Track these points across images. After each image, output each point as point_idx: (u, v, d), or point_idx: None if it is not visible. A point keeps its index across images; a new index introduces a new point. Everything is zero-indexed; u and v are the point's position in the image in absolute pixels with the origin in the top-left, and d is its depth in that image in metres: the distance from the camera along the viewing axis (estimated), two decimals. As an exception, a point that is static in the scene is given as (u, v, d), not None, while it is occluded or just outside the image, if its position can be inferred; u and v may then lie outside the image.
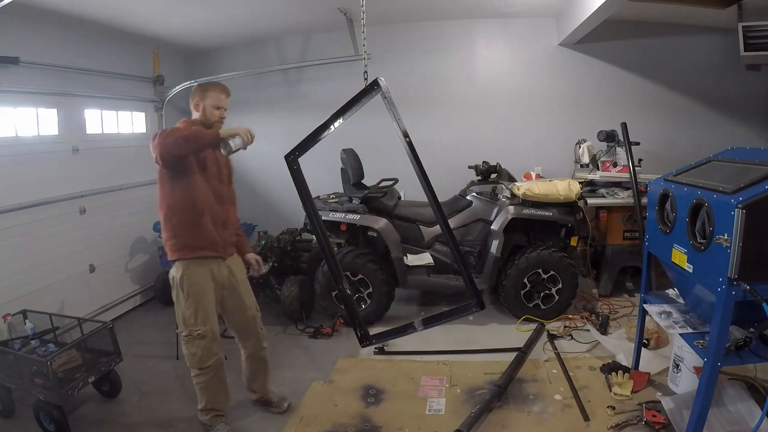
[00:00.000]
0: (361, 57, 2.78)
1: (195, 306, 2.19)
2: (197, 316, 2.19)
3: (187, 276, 2.18)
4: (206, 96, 2.25)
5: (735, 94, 4.51)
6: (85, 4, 3.25)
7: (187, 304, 2.19)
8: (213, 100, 2.26)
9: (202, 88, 2.28)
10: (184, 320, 2.21)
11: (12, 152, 3.14)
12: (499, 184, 3.74)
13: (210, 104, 2.25)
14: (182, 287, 2.18)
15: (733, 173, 1.91)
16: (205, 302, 2.21)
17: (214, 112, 2.26)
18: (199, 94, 2.26)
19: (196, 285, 2.19)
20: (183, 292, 2.18)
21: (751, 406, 2.14)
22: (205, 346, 2.22)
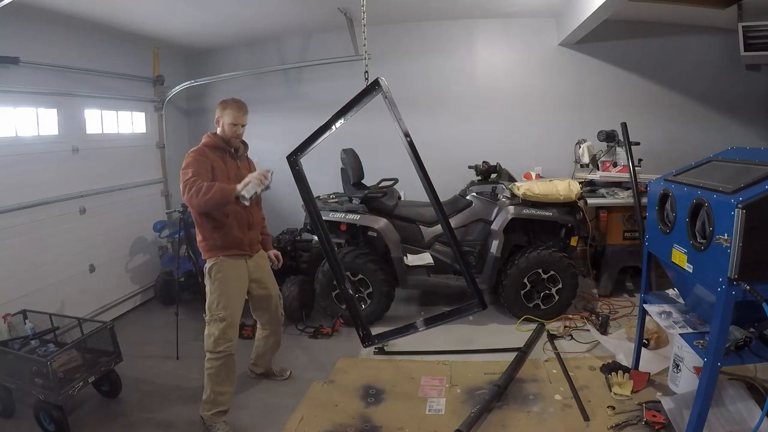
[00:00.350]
0: (362, 57, 2.77)
1: (219, 292, 2.41)
2: (220, 301, 2.40)
3: (216, 267, 2.42)
4: (224, 113, 2.43)
5: (735, 94, 4.51)
6: (85, 4, 3.25)
7: (212, 289, 2.42)
8: (230, 117, 2.42)
9: (223, 105, 2.45)
10: (209, 305, 2.43)
11: (12, 152, 3.15)
12: (499, 184, 3.74)
13: (227, 122, 2.42)
14: (210, 276, 2.42)
15: (733, 173, 1.91)
16: (230, 291, 2.43)
17: (231, 128, 2.43)
18: (219, 109, 2.45)
19: (222, 274, 2.42)
20: (211, 280, 2.42)
21: (751, 406, 2.14)
22: (222, 329, 2.39)
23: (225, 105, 2.45)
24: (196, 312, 3.67)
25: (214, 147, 2.45)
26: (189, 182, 2.23)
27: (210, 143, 2.46)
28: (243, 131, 2.51)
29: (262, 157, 3.13)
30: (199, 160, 2.33)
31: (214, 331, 2.40)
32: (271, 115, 4.92)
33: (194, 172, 2.27)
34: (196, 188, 2.20)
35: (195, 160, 2.32)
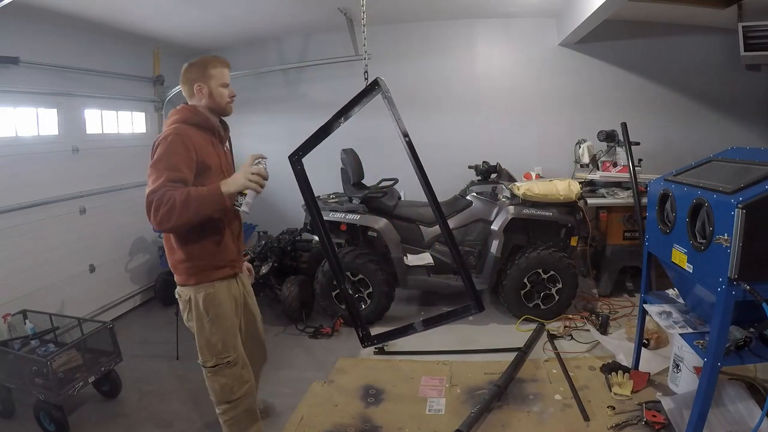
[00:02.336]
0: (362, 57, 2.77)
1: (223, 330, 1.90)
2: (227, 342, 1.91)
3: (209, 299, 1.87)
4: (209, 75, 1.86)
5: (735, 94, 4.51)
6: (85, 4, 3.25)
7: (213, 329, 1.89)
8: (219, 77, 1.88)
9: (200, 66, 1.87)
10: (211, 348, 1.90)
11: (12, 152, 3.14)
12: (499, 184, 3.74)
13: (216, 84, 1.88)
14: (207, 312, 1.87)
15: (733, 173, 1.91)
16: (232, 325, 1.95)
17: (222, 92, 1.89)
18: (197, 74, 1.86)
19: (221, 307, 1.90)
20: (207, 317, 1.87)
21: (751, 406, 2.14)
22: (237, 375, 1.95)
23: (204, 65, 1.86)
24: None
25: (198, 126, 1.83)
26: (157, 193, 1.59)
27: (191, 119, 1.82)
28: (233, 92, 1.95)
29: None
30: (178, 149, 1.68)
31: (226, 381, 1.94)
32: (271, 115, 4.92)
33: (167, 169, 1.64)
34: (165, 205, 1.58)
35: (171, 151, 1.67)
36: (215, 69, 1.88)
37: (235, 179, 1.74)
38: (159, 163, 1.67)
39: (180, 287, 1.92)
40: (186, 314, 1.92)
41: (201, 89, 1.87)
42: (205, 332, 1.89)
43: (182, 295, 1.91)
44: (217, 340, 1.90)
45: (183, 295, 1.91)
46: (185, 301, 1.91)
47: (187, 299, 1.89)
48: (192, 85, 1.87)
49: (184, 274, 1.88)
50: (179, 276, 1.90)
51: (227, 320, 1.92)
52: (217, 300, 1.89)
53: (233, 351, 1.94)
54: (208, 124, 1.89)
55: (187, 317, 1.93)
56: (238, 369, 1.96)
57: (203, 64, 1.88)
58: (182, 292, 1.91)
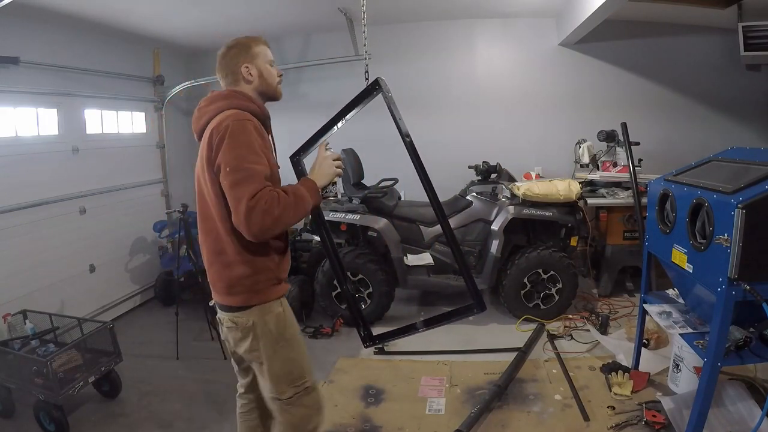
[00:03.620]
0: (362, 57, 2.78)
1: (298, 352, 1.65)
2: (303, 365, 1.65)
3: (282, 319, 1.60)
4: (255, 55, 1.62)
5: (735, 94, 4.51)
6: (85, 4, 3.25)
7: (289, 354, 1.61)
8: (264, 55, 1.65)
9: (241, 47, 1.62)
10: (287, 376, 1.61)
11: (12, 152, 3.15)
12: (499, 184, 3.74)
13: (263, 63, 1.64)
14: (281, 334, 1.59)
15: (733, 173, 1.91)
16: (305, 347, 1.70)
17: (272, 71, 1.66)
18: (240, 55, 1.60)
19: (294, 326, 1.65)
20: (282, 340, 1.59)
21: (751, 406, 2.14)
22: (316, 401, 1.70)
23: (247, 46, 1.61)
24: (196, 312, 3.68)
25: (253, 114, 1.56)
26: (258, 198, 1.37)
27: (246, 106, 1.55)
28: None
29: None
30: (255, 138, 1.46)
31: (303, 411, 1.66)
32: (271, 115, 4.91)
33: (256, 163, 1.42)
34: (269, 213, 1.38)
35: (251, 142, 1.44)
36: (258, 47, 1.63)
37: (324, 171, 1.64)
38: (244, 160, 1.41)
39: (232, 314, 1.57)
40: (247, 344, 1.57)
41: (249, 70, 1.60)
42: (279, 359, 1.59)
43: (239, 322, 1.56)
44: (293, 366, 1.62)
45: (241, 323, 1.55)
46: (245, 329, 1.56)
47: (248, 326, 1.55)
48: (238, 68, 1.60)
49: (246, 293, 1.54)
50: (237, 297, 1.54)
51: (302, 341, 1.68)
52: (290, 319, 1.63)
53: (309, 375, 1.67)
54: (263, 113, 1.63)
55: (249, 347, 1.57)
56: (316, 395, 1.70)
57: (244, 45, 1.62)
58: (239, 318, 1.56)
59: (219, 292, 1.60)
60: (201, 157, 1.53)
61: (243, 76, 1.61)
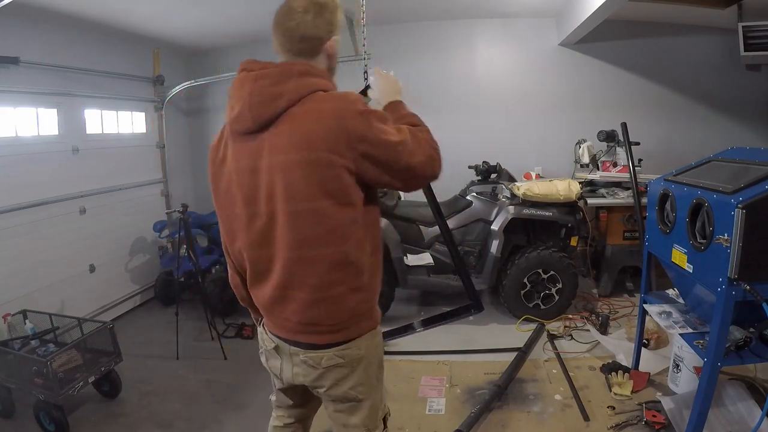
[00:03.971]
0: (362, 57, 2.77)
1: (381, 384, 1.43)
2: (383, 393, 1.44)
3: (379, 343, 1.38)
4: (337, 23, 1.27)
5: (735, 94, 4.51)
6: (85, 4, 3.25)
7: (377, 388, 1.39)
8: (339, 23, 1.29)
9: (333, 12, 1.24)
10: (380, 404, 1.41)
11: (12, 152, 3.14)
12: (499, 184, 3.74)
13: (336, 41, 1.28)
14: (382, 361, 1.39)
15: (733, 173, 1.91)
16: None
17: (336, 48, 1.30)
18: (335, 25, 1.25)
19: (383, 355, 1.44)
20: (382, 367, 1.40)
21: (751, 406, 2.14)
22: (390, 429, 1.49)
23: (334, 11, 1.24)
24: (196, 312, 3.68)
25: None
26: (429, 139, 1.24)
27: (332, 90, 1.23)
28: None
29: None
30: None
31: None
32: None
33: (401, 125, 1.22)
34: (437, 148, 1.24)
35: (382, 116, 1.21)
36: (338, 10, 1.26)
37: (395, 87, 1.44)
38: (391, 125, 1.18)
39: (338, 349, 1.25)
40: (353, 380, 1.28)
41: (333, 46, 1.25)
42: (380, 389, 1.39)
43: (348, 356, 1.25)
44: (383, 395, 1.42)
45: (350, 356, 1.26)
46: (354, 360, 1.26)
47: (358, 358, 1.27)
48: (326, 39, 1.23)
49: (354, 324, 1.25)
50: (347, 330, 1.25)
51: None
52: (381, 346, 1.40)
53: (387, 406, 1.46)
54: None
55: (355, 381, 1.29)
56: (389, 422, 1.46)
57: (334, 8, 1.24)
58: (348, 351, 1.25)
59: (318, 332, 1.23)
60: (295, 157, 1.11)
61: (328, 51, 1.24)
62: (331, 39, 1.23)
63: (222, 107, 1.33)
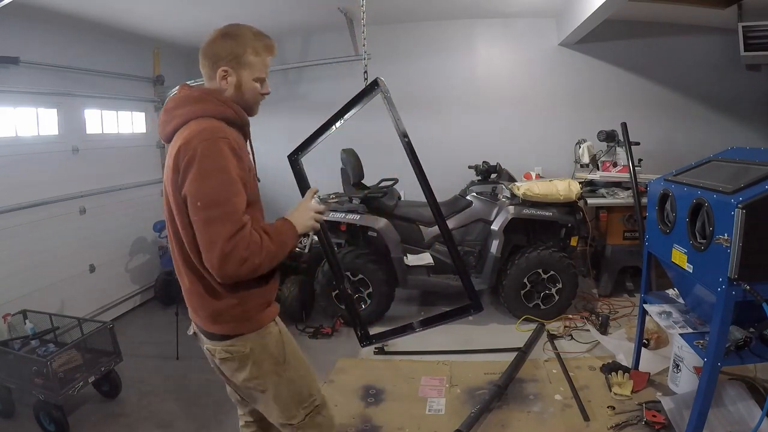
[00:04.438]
0: (361, 57, 2.78)
1: (303, 371, 1.52)
2: (310, 383, 1.54)
3: (278, 339, 1.46)
4: (243, 63, 1.36)
5: (735, 94, 4.51)
6: (85, 4, 3.25)
7: (293, 374, 1.48)
8: (257, 68, 1.38)
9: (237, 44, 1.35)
10: (296, 398, 1.48)
11: (12, 152, 3.14)
12: (499, 184, 3.74)
13: (248, 76, 1.38)
14: (282, 356, 1.45)
15: (733, 173, 1.91)
16: (308, 363, 1.57)
17: (255, 88, 1.40)
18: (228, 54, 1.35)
19: (293, 344, 1.52)
20: (284, 362, 1.46)
21: (751, 406, 2.14)
22: (329, 419, 1.58)
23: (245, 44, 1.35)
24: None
25: (230, 123, 1.35)
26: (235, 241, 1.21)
27: (224, 114, 1.34)
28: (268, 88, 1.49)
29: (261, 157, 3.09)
30: (231, 162, 1.25)
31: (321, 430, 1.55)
32: (271, 115, 4.90)
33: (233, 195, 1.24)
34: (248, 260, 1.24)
35: (226, 167, 1.24)
36: (256, 57, 1.37)
37: (303, 220, 1.45)
38: (217, 193, 1.22)
39: (225, 342, 1.40)
40: (245, 373, 1.41)
41: (226, 77, 1.36)
42: (284, 384, 1.45)
43: (235, 351, 1.39)
44: (301, 386, 1.50)
45: (237, 351, 1.39)
46: (242, 357, 1.39)
47: (245, 353, 1.39)
48: (216, 68, 1.35)
49: (234, 322, 1.38)
50: (226, 325, 1.38)
51: (303, 356, 1.55)
52: (287, 337, 1.50)
53: (317, 392, 1.55)
54: (241, 119, 1.39)
55: (248, 376, 1.41)
56: (327, 412, 1.57)
57: (241, 44, 1.35)
58: (233, 347, 1.39)
59: (202, 319, 1.42)
60: (168, 170, 1.31)
61: (217, 78, 1.37)
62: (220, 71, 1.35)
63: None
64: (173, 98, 1.40)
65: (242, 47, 1.36)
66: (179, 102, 1.37)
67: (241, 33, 1.38)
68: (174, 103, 1.38)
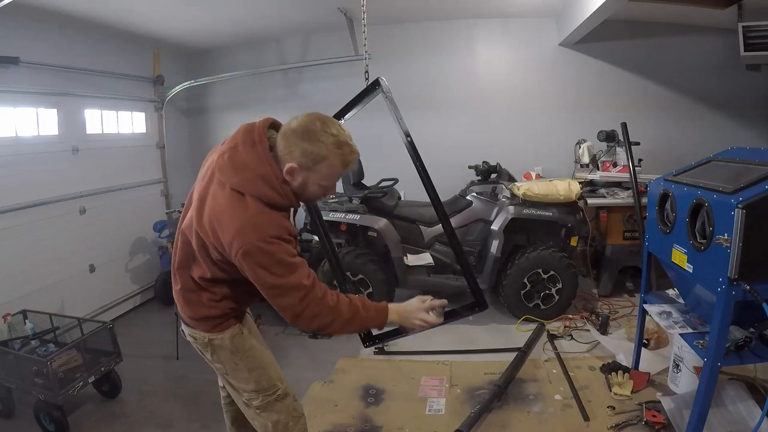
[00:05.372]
0: (362, 57, 2.78)
1: (262, 362, 1.67)
2: (270, 373, 1.67)
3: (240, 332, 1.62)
4: (314, 169, 1.36)
5: (735, 94, 4.51)
6: (85, 4, 3.25)
7: (251, 364, 1.63)
8: (324, 176, 1.39)
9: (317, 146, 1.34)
10: (257, 386, 1.63)
11: (12, 152, 3.14)
12: (499, 184, 3.74)
13: (315, 180, 1.39)
14: (238, 348, 1.60)
15: (733, 173, 1.91)
16: (270, 355, 1.74)
17: (318, 192, 1.44)
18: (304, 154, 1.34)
19: (251, 338, 1.66)
20: (240, 353, 1.60)
21: (751, 406, 2.14)
22: (291, 407, 1.70)
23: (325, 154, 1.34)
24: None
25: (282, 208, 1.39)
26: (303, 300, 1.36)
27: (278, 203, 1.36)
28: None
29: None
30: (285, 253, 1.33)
31: (276, 417, 1.66)
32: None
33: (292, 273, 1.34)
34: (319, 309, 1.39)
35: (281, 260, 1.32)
36: (331, 168, 1.37)
37: (408, 316, 1.57)
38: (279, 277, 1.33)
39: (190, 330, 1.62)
40: (208, 355, 1.62)
41: (294, 175, 1.36)
42: (241, 371, 1.62)
43: (197, 338, 1.60)
44: (259, 376, 1.64)
45: (199, 338, 1.60)
46: (204, 343, 1.60)
47: (205, 342, 1.59)
48: (284, 161, 1.35)
49: (211, 325, 1.57)
50: (204, 325, 1.57)
51: (263, 350, 1.69)
52: (246, 332, 1.65)
53: (280, 382, 1.68)
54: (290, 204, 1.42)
55: (211, 359, 1.62)
56: (290, 401, 1.70)
57: (321, 152, 1.34)
58: (197, 334, 1.60)
59: (182, 313, 1.63)
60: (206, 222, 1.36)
61: (284, 170, 1.35)
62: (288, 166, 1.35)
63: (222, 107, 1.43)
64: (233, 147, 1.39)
65: (321, 154, 1.35)
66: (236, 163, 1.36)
67: (323, 130, 1.35)
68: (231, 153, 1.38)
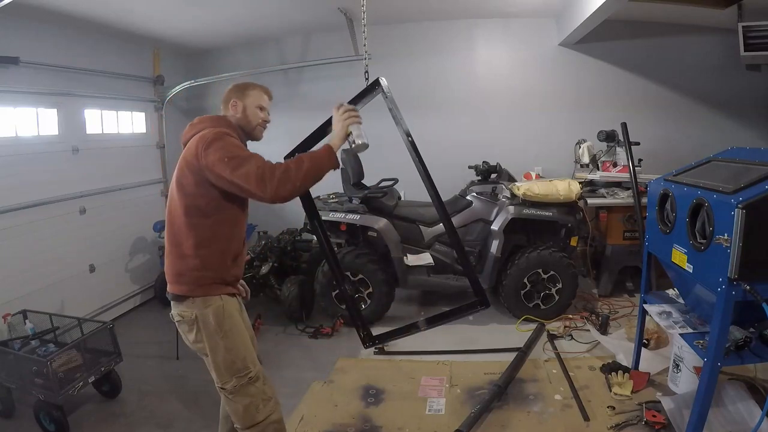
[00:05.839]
0: (362, 57, 2.78)
1: (240, 344, 1.76)
2: (245, 357, 1.76)
3: (220, 311, 1.73)
4: (246, 95, 1.87)
5: (735, 94, 4.51)
6: (84, 4, 3.25)
7: (229, 345, 1.73)
8: (255, 99, 1.88)
9: (240, 87, 1.90)
10: (229, 367, 1.73)
11: (12, 152, 3.14)
12: (499, 184, 3.74)
13: (252, 103, 1.87)
14: (219, 326, 1.72)
15: (733, 173, 1.91)
16: (247, 339, 1.82)
17: (257, 112, 1.88)
18: (236, 93, 1.87)
19: (233, 318, 1.77)
20: (221, 332, 1.72)
21: (751, 406, 2.14)
22: (259, 390, 1.77)
23: (245, 86, 1.88)
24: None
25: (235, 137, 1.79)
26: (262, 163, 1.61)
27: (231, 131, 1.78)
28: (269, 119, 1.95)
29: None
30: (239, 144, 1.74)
31: (248, 400, 1.74)
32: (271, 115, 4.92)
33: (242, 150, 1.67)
34: (278, 169, 1.60)
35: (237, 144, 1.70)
36: (254, 90, 1.89)
37: (335, 130, 1.86)
38: (238, 149, 1.66)
39: (180, 306, 1.75)
40: (193, 335, 1.74)
41: (236, 105, 1.85)
42: (220, 350, 1.72)
43: (185, 315, 1.73)
44: (235, 357, 1.73)
45: (186, 315, 1.73)
46: (190, 321, 1.73)
47: (192, 318, 1.72)
48: (228, 101, 1.87)
49: (190, 284, 1.72)
50: (183, 286, 1.73)
51: (242, 333, 1.79)
52: (228, 312, 1.75)
53: (253, 365, 1.77)
54: (241, 137, 1.84)
55: (194, 338, 1.75)
56: (260, 385, 1.78)
57: (242, 85, 1.90)
58: (185, 311, 1.73)
59: (169, 281, 1.80)
60: (183, 160, 1.72)
61: (228, 108, 1.86)
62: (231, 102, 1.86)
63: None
64: (199, 117, 1.86)
65: (243, 86, 1.89)
66: (201, 120, 1.82)
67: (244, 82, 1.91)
68: (198, 120, 1.83)
